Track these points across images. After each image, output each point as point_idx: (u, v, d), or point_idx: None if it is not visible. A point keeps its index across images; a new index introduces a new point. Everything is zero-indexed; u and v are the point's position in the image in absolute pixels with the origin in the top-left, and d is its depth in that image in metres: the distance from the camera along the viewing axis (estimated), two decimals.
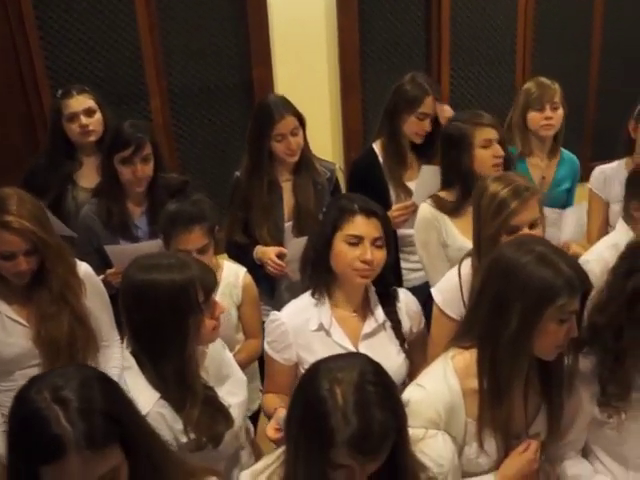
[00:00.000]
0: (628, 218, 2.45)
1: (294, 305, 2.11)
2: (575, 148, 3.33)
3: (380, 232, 1.99)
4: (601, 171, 3.06)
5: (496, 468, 1.76)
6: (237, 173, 2.83)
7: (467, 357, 1.73)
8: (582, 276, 1.61)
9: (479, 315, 1.69)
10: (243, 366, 2.35)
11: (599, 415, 1.80)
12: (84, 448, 1.16)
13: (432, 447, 1.54)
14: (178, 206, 2.32)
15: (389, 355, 2.06)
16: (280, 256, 2.69)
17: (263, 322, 2.33)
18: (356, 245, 1.96)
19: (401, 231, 2.94)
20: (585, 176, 3.26)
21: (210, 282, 1.79)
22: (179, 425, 1.78)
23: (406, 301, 2.17)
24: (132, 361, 1.80)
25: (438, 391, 1.70)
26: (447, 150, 2.62)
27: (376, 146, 3.03)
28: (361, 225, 1.96)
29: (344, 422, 1.27)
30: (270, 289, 2.79)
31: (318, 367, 1.37)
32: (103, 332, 2.22)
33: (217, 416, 1.84)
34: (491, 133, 2.55)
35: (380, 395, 1.31)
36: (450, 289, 2.20)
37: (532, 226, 2.09)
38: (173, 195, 2.34)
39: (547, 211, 2.75)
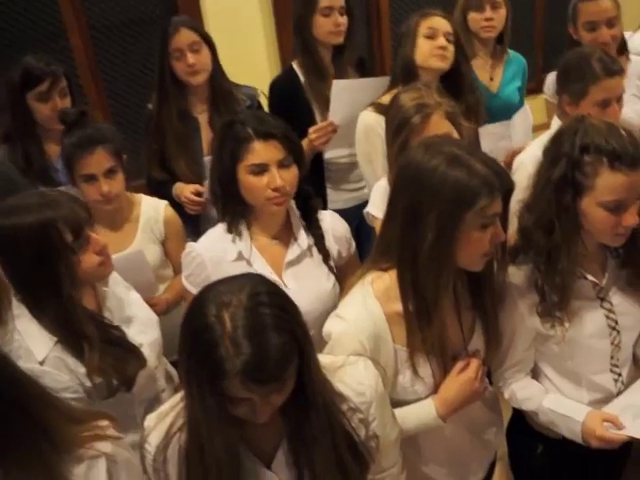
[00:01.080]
0: (561, 114, 2.30)
1: (210, 235, 1.96)
2: (527, 59, 3.19)
3: (283, 152, 1.82)
4: (553, 78, 2.88)
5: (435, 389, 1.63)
6: (149, 105, 2.70)
7: (387, 280, 1.58)
8: (501, 174, 1.44)
9: (393, 231, 1.53)
10: (174, 303, 2.26)
11: (541, 328, 1.67)
12: None
13: (352, 375, 1.39)
14: (77, 133, 2.15)
15: (317, 281, 1.93)
16: (198, 194, 2.58)
17: None
18: (262, 173, 1.81)
19: (326, 156, 2.82)
20: (539, 88, 3.15)
21: (79, 218, 1.64)
22: (82, 369, 1.67)
23: (332, 224, 2.02)
24: (22, 308, 1.68)
25: (359, 321, 1.55)
26: (397, 48, 2.49)
27: (295, 64, 2.84)
28: (261, 151, 1.80)
29: (234, 350, 1.13)
30: (195, 227, 2.63)
31: (205, 292, 1.22)
32: None
33: (126, 357, 1.72)
34: (438, 22, 2.42)
35: (275, 317, 1.17)
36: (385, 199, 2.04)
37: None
38: (70, 128, 2.16)
39: (493, 127, 2.64)
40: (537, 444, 1.89)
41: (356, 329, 1.54)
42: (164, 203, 2.40)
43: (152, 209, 2.37)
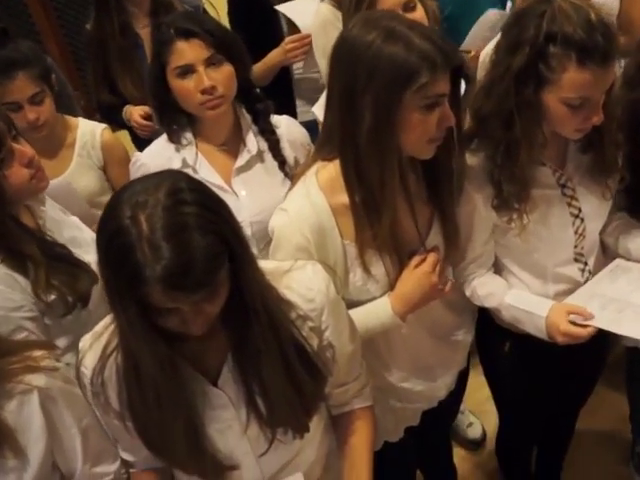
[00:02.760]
0: None
1: (155, 144, 1.88)
2: None
3: (210, 50, 1.70)
4: None
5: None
6: (87, 26, 2.59)
7: (332, 170, 1.45)
8: (445, 50, 1.30)
9: (333, 117, 1.41)
10: None
11: (499, 221, 1.57)
12: None
13: (299, 280, 1.28)
14: None
15: (270, 188, 1.83)
16: (148, 117, 2.48)
17: None
18: (188, 75, 1.70)
19: (297, 75, 2.65)
20: None
21: None
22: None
23: (288, 128, 1.91)
24: None
25: (301, 212, 1.43)
26: None
27: None
28: (184, 52, 1.70)
29: (153, 254, 1.00)
30: None
31: (120, 193, 1.09)
32: None
33: (75, 272, 1.62)
34: None
35: (199, 216, 1.04)
36: None
37: (407, 8, 1.76)
38: None
39: (493, 13, 2.44)
40: (504, 341, 1.82)
41: (298, 221, 1.43)
42: (102, 127, 2.28)
43: (89, 133, 2.24)
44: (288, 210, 1.45)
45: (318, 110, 2.09)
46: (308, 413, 1.29)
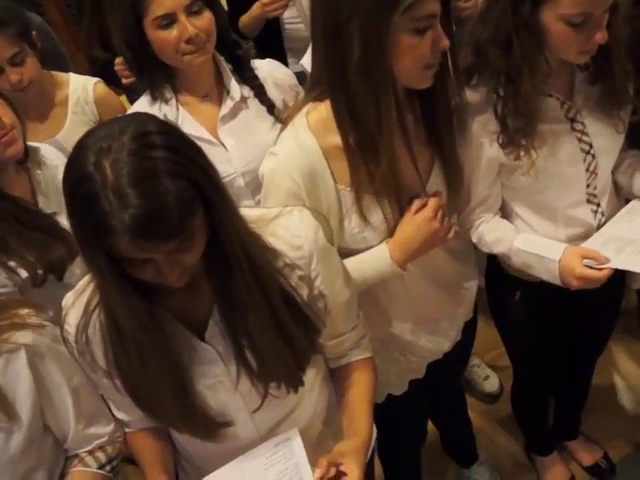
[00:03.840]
0: None
1: (136, 105, 1.82)
2: None
3: None
4: None
5: None
6: None
7: (323, 110, 1.37)
8: None
9: (320, 54, 1.32)
10: None
11: (505, 159, 1.48)
12: None
13: (286, 227, 1.21)
14: None
15: (260, 134, 1.76)
16: None
17: None
18: (170, 25, 1.63)
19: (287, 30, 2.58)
20: None
21: None
22: (11, 262, 1.53)
23: (271, 72, 1.83)
24: None
25: (290, 155, 1.35)
26: None
27: None
28: (163, 0, 1.62)
29: (119, 203, 0.93)
30: None
31: (83, 139, 1.01)
32: None
33: (50, 243, 1.57)
34: None
35: (168, 161, 0.96)
36: None
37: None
38: None
39: None
40: (514, 290, 1.74)
41: (287, 165, 1.35)
42: (94, 80, 2.19)
43: (81, 88, 2.16)
44: (277, 154, 1.38)
45: (307, 60, 2.00)
46: (300, 366, 1.23)
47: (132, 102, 2.55)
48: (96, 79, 2.21)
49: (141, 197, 0.94)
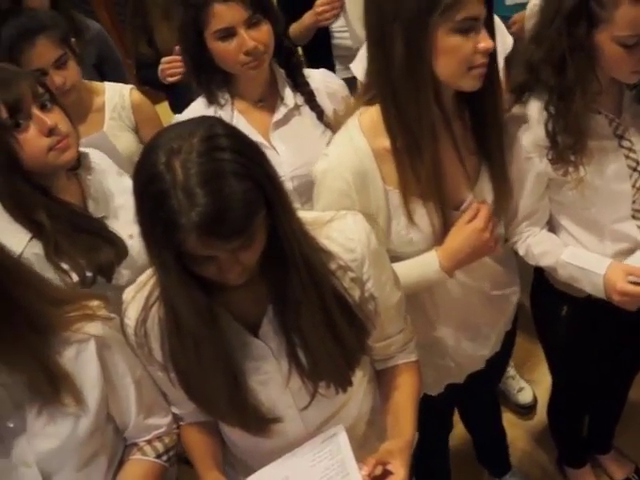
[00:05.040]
0: None
1: (192, 107, 1.87)
2: None
3: (248, 10, 1.68)
4: None
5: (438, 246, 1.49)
6: None
7: (374, 113, 1.42)
8: None
9: (369, 57, 1.38)
10: None
11: (554, 174, 1.51)
12: None
13: (340, 230, 1.25)
14: (11, 23, 1.94)
15: (309, 141, 1.82)
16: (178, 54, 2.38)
17: None
18: (230, 38, 1.70)
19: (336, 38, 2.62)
20: None
21: (18, 94, 1.47)
22: (64, 265, 1.57)
23: (324, 81, 1.89)
24: None
25: (343, 156, 1.41)
26: None
27: None
28: (223, 14, 1.67)
29: (188, 201, 0.98)
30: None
31: (154, 139, 1.07)
32: None
33: (98, 245, 1.61)
34: None
35: (234, 162, 1.01)
36: None
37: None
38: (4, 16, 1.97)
39: None
40: (561, 305, 1.76)
41: (339, 165, 1.40)
42: (129, 87, 2.23)
43: (117, 95, 2.19)
44: (330, 155, 1.43)
45: (355, 65, 2.05)
46: (350, 366, 1.27)
47: (174, 108, 2.62)
48: (130, 86, 2.24)
49: (208, 197, 0.98)
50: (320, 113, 1.85)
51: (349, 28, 2.54)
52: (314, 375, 1.24)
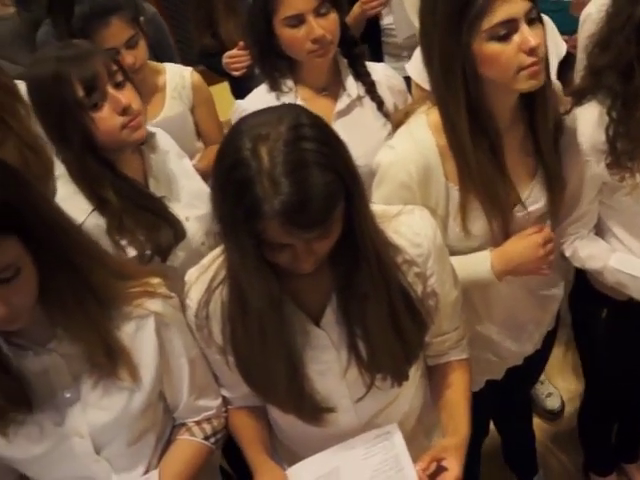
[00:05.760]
0: None
1: (256, 92, 1.90)
2: None
3: None
4: None
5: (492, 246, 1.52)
6: None
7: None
8: None
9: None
10: (204, 176, 2.13)
11: (609, 179, 1.50)
12: None
13: (407, 225, 1.25)
14: (85, 1, 1.97)
15: (370, 131, 1.85)
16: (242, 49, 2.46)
17: None
18: (299, 25, 1.72)
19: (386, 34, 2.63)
20: None
21: (96, 72, 1.50)
22: (123, 240, 1.60)
23: (386, 75, 1.93)
24: (62, 169, 1.61)
25: (408, 149, 1.43)
26: None
27: None
28: (294, 2, 1.71)
29: (272, 189, 0.99)
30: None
31: (239, 124, 1.07)
32: None
33: (159, 224, 1.62)
34: None
35: (319, 153, 1.02)
36: None
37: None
38: None
39: None
40: (601, 308, 1.76)
41: (405, 158, 1.42)
42: (189, 69, 2.29)
43: (178, 76, 2.25)
44: (395, 147, 1.45)
45: (410, 66, 2.06)
46: (409, 361, 1.27)
47: (235, 92, 2.65)
48: (190, 68, 2.29)
49: (293, 186, 0.99)
50: (380, 104, 1.88)
51: (397, 26, 2.53)
52: (372, 367, 1.24)
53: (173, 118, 2.17)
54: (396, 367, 1.26)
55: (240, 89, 2.40)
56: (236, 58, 2.44)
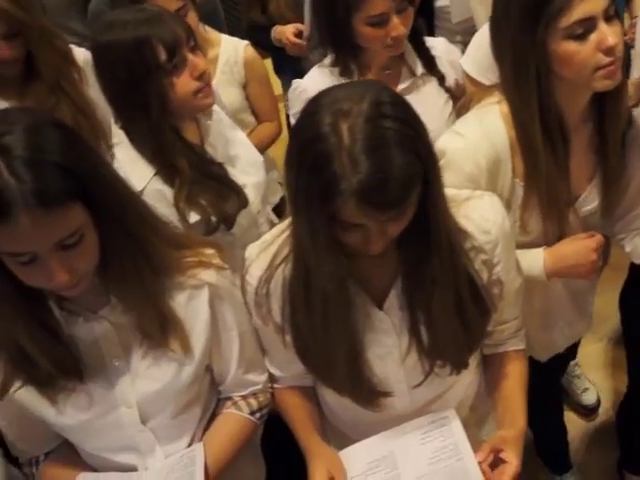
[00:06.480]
0: None
1: (316, 70, 1.89)
2: None
3: None
4: None
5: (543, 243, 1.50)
6: None
7: None
8: None
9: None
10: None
11: None
12: (34, 206, 0.96)
13: (477, 210, 1.22)
14: None
15: (435, 108, 1.85)
16: (299, 34, 2.47)
17: None
18: (382, 24, 1.71)
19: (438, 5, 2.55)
20: None
21: (177, 37, 1.50)
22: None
23: (445, 50, 1.91)
24: (122, 136, 1.61)
25: (479, 139, 1.38)
26: None
27: None
28: (380, 2, 1.69)
29: (351, 166, 0.96)
30: (297, 70, 2.46)
31: (319, 98, 1.04)
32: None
33: (225, 193, 1.62)
34: None
35: (400, 133, 0.99)
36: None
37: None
38: None
39: None
40: None
41: (475, 148, 1.38)
42: (245, 43, 2.25)
43: (232, 49, 2.22)
44: (465, 136, 1.40)
45: (465, 61, 2.01)
46: (471, 349, 1.25)
47: (277, 66, 2.64)
48: (246, 42, 2.26)
49: (372, 165, 0.96)
50: (442, 79, 1.87)
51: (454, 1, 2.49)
52: (433, 353, 1.22)
53: (220, 92, 2.13)
54: (457, 355, 1.24)
55: (283, 66, 2.38)
56: (296, 47, 2.48)
